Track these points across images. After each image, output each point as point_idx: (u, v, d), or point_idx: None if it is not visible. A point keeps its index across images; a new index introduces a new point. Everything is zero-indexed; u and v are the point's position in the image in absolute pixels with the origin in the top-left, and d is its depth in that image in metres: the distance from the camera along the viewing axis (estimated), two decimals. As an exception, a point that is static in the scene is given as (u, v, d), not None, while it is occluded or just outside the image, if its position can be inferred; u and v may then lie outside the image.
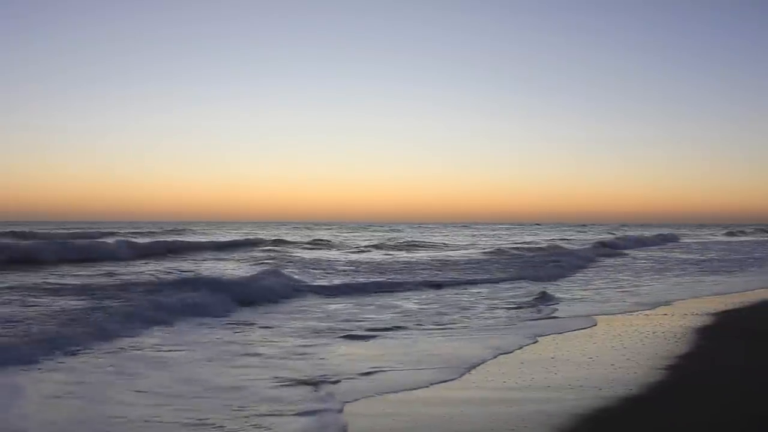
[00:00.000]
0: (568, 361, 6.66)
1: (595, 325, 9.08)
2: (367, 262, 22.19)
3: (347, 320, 9.52)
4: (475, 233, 62.46)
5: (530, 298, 11.97)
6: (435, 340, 7.96)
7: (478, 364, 6.49)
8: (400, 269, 19.48)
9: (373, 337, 8.19)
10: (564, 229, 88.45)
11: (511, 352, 7.12)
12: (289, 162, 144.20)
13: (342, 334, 8.27)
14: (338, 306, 11.20)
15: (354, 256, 25.90)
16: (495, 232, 64.97)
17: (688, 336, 8.07)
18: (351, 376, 5.92)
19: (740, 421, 4.55)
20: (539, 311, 10.44)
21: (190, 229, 53.20)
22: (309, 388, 5.48)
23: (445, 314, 10.19)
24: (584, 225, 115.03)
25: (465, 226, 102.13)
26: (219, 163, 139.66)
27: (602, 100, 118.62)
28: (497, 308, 10.86)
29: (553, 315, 10.05)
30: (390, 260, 23.62)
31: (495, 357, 6.86)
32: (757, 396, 5.24)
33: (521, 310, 10.65)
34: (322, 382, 5.67)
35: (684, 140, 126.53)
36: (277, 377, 5.82)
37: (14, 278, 13.86)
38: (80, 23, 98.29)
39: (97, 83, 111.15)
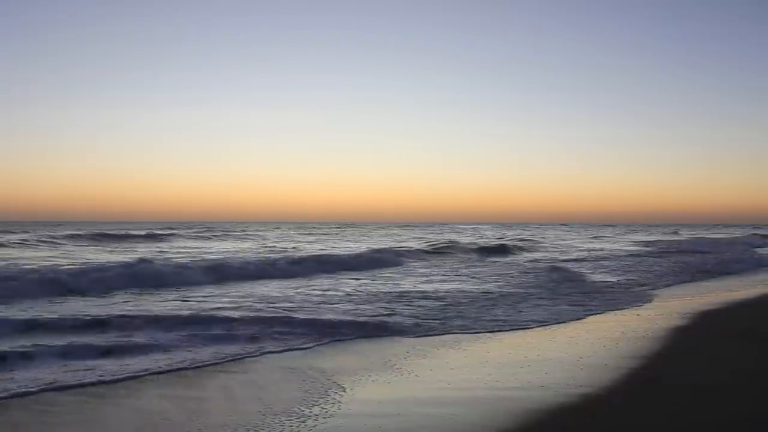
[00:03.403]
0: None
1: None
2: (597, 259, 23.24)
3: None
4: (536, 232, 56.16)
5: None
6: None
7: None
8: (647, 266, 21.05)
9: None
10: (605, 230, 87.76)
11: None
12: (288, 163, 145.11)
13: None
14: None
15: (539, 255, 26.04)
16: (561, 232, 60.17)
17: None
18: None
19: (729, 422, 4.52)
20: None
21: (223, 230, 52.29)
22: None
23: None
24: (612, 225, 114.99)
25: (515, 226, 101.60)
26: (217, 162, 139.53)
27: (607, 101, 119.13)
28: None
29: None
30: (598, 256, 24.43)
31: None
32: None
33: None
34: None
35: (689, 140, 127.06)
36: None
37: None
38: (80, 23, 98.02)
39: (95, 83, 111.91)
